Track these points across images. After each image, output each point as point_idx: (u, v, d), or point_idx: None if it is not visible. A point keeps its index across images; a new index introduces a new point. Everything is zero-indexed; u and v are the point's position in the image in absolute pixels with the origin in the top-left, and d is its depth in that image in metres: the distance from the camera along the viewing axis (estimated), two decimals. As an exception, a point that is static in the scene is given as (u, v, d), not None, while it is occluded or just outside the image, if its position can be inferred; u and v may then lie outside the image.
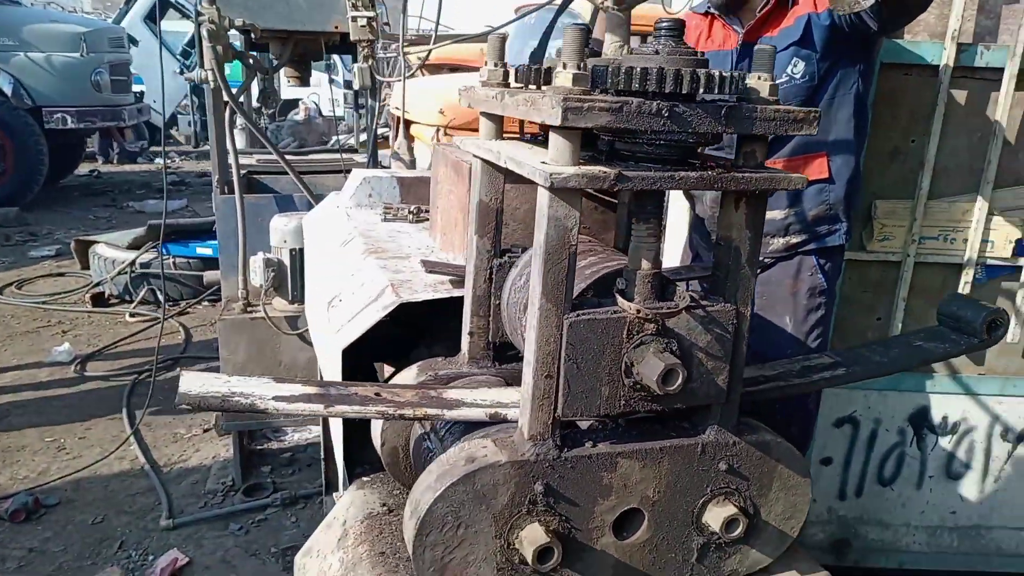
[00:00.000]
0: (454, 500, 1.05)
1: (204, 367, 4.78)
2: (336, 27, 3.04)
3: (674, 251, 2.67)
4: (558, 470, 1.09)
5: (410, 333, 1.67)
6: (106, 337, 5.20)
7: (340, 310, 1.60)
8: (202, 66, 2.79)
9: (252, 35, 2.90)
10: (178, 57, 16.12)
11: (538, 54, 3.85)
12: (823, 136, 2.15)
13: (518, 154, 1.07)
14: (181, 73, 16.18)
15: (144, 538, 2.93)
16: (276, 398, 1.09)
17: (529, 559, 1.06)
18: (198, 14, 2.68)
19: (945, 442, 2.68)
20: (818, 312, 2.26)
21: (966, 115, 2.49)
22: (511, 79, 1.26)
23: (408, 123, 5.94)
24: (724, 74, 0.97)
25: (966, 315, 1.29)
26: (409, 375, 1.38)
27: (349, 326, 1.48)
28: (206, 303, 5.95)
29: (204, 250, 5.95)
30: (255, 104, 4.77)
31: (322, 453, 2.65)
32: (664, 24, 1.01)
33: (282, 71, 3.63)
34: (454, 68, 6.80)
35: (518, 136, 1.70)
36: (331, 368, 1.59)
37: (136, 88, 13.24)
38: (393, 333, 1.65)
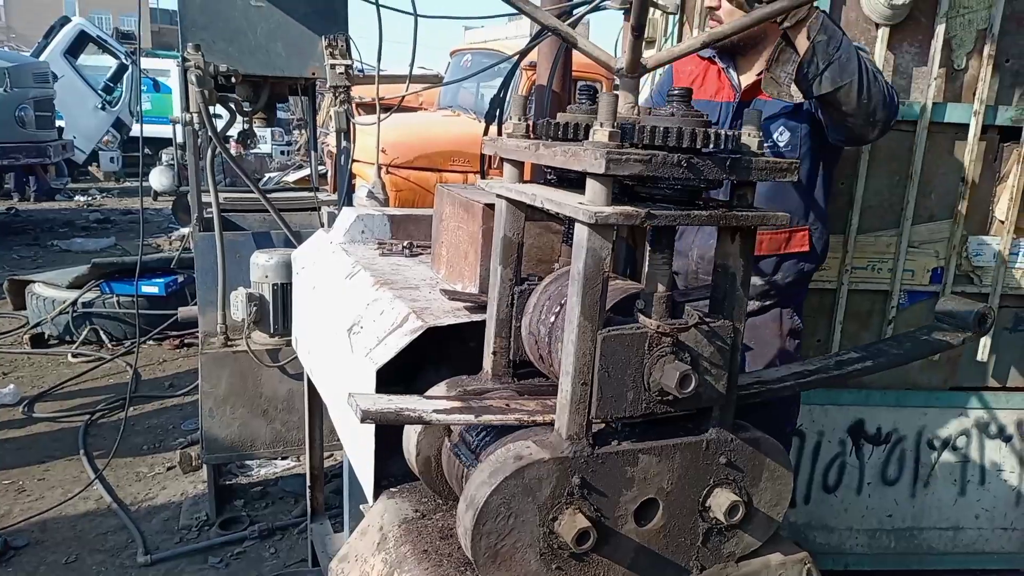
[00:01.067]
0: (506, 493, 1.22)
1: (159, 405, 4.75)
2: (313, 73, 3.20)
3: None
4: (591, 465, 1.26)
5: (404, 362, 1.81)
6: (50, 378, 5.09)
7: (363, 336, 1.75)
8: (186, 109, 2.90)
9: (233, 80, 3.04)
10: (99, 92, 15.80)
11: (497, 100, 4.11)
12: (806, 212, 2.30)
13: (555, 196, 1.27)
14: (103, 109, 15.88)
15: (121, 575, 2.93)
16: (435, 411, 1.26)
17: (569, 542, 1.23)
18: (184, 60, 2.80)
19: (880, 451, 2.99)
20: (798, 351, 2.46)
21: (887, 160, 2.84)
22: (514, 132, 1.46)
23: (353, 162, 6.09)
24: (727, 132, 1.20)
25: (960, 312, 1.57)
26: (439, 391, 1.54)
27: (379, 349, 1.63)
28: (151, 342, 5.89)
29: (150, 288, 5.91)
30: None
31: (308, 481, 2.74)
32: (676, 92, 1.24)
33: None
34: (387, 108, 7.06)
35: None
36: (355, 389, 1.73)
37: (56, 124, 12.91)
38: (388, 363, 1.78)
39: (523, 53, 3.79)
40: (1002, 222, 2.91)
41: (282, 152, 14.90)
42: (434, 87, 7.42)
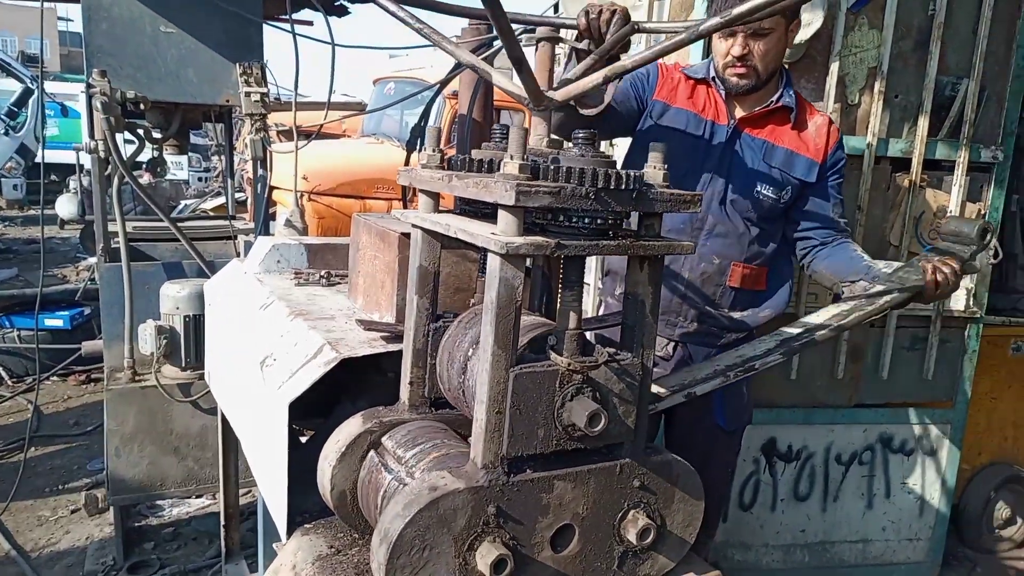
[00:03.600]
0: (420, 525, 1.21)
1: (62, 445, 4.50)
2: (227, 100, 3.14)
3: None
4: (507, 494, 1.27)
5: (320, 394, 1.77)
6: (-58, 418, 4.77)
7: (276, 369, 1.71)
8: (92, 136, 2.80)
9: (141, 106, 2.95)
10: (2, 117, 15.06)
11: (419, 128, 4.13)
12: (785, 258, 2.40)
13: (468, 226, 1.28)
14: (6, 134, 15.13)
15: (18, 628, 2.75)
16: None
17: (486, 572, 1.23)
18: (89, 85, 2.71)
19: (792, 468, 3.10)
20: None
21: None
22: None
23: (272, 188, 6.00)
24: (629, 172, 1.24)
25: (963, 229, 1.68)
26: (355, 422, 1.52)
27: (291, 382, 1.60)
28: (54, 378, 5.59)
29: (54, 321, 5.62)
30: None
31: (222, 521, 2.64)
32: (581, 135, 1.28)
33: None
34: (307, 135, 7.01)
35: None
36: (267, 423, 1.69)
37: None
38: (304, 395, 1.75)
39: (444, 82, 3.84)
40: (896, 247, 3.09)
41: (199, 179, 14.46)
42: (355, 115, 7.39)
